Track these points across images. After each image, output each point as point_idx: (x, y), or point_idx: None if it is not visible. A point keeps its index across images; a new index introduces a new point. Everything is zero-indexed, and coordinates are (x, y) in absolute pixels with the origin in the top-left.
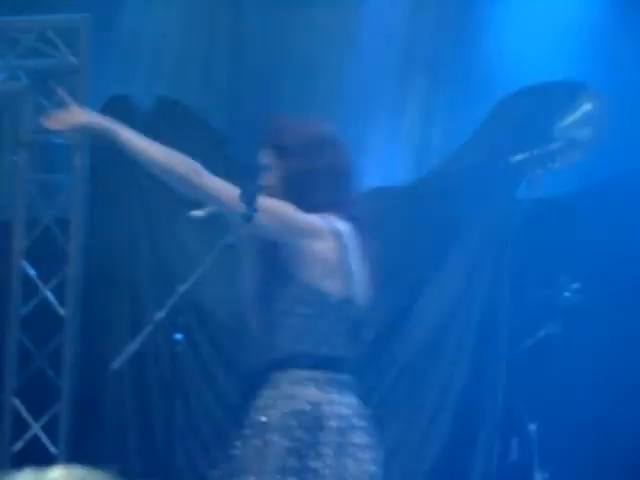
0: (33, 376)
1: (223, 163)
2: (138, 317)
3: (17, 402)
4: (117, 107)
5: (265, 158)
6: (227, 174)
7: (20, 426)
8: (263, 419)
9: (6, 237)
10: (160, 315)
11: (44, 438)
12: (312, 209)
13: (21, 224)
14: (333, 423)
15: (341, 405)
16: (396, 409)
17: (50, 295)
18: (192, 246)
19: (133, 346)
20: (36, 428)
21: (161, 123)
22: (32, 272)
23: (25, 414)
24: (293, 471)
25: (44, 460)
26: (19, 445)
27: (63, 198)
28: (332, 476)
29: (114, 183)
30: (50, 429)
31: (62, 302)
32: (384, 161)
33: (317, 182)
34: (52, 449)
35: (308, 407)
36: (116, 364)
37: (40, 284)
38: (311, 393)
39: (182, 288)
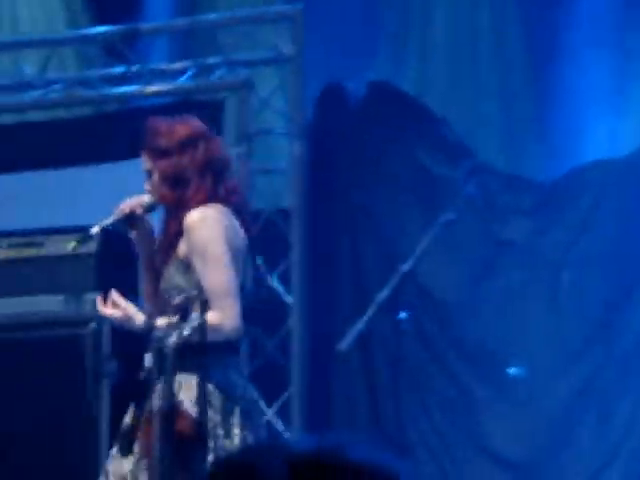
0: (264, 364)
1: (440, 143)
2: (361, 298)
3: None
4: (333, 95)
5: (145, 164)
6: (443, 154)
7: None
8: None
9: None
10: (383, 295)
11: (278, 424)
12: (197, 203)
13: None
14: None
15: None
16: None
17: (276, 283)
18: (412, 225)
19: (358, 327)
20: (270, 415)
21: (377, 108)
22: (259, 261)
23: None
24: None
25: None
26: None
27: (284, 187)
28: None
29: (334, 170)
30: (283, 415)
31: (288, 289)
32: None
33: (196, 176)
34: (285, 434)
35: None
36: (343, 346)
37: (266, 273)
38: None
39: (404, 267)
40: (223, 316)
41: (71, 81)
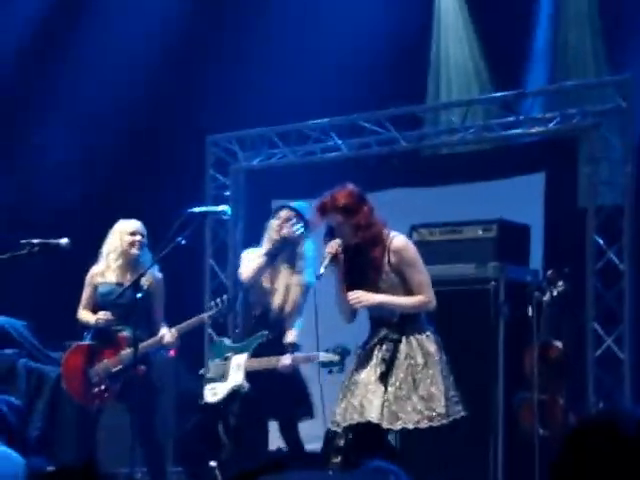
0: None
1: None
2: None
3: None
4: None
5: (334, 220)
6: None
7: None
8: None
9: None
10: None
11: (615, 349)
12: (385, 235)
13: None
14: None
15: None
16: None
17: (613, 256)
18: None
19: None
20: (609, 341)
21: None
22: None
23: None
24: None
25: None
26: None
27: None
28: None
29: None
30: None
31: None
32: None
33: (374, 220)
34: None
35: None
36: None
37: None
38: None
39: None
40: (430, 299)
41: (480, 127)
